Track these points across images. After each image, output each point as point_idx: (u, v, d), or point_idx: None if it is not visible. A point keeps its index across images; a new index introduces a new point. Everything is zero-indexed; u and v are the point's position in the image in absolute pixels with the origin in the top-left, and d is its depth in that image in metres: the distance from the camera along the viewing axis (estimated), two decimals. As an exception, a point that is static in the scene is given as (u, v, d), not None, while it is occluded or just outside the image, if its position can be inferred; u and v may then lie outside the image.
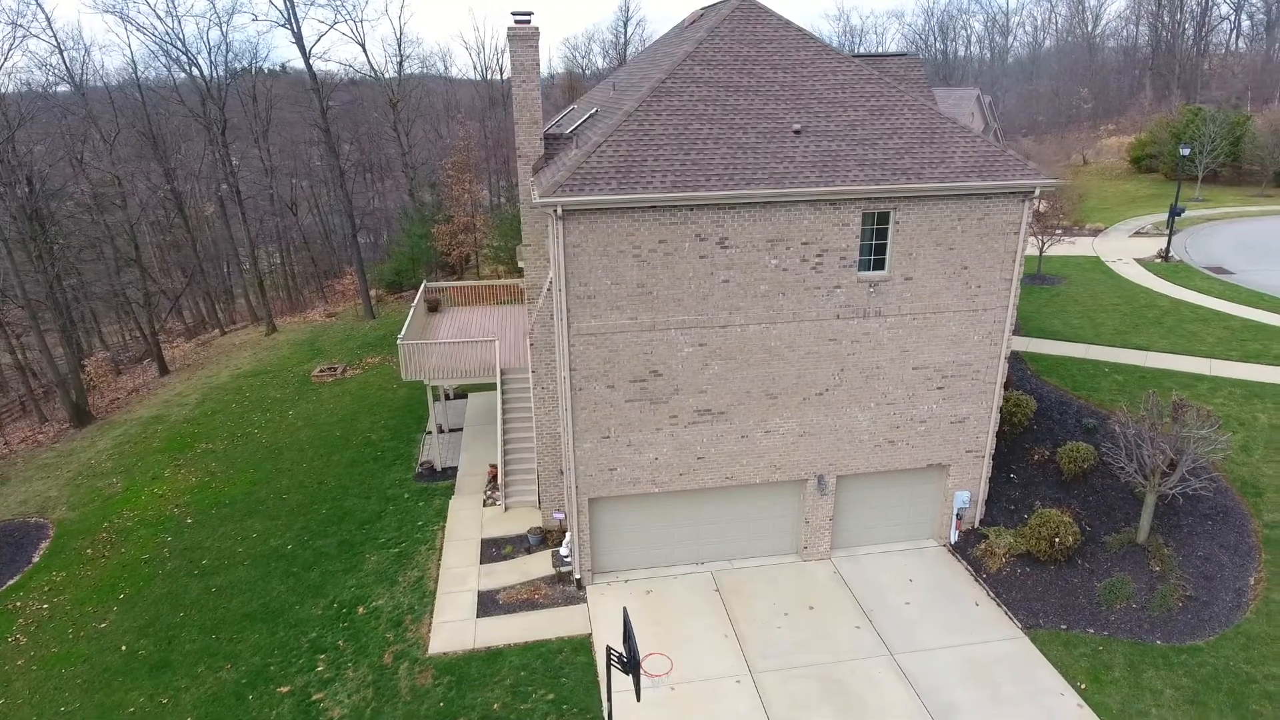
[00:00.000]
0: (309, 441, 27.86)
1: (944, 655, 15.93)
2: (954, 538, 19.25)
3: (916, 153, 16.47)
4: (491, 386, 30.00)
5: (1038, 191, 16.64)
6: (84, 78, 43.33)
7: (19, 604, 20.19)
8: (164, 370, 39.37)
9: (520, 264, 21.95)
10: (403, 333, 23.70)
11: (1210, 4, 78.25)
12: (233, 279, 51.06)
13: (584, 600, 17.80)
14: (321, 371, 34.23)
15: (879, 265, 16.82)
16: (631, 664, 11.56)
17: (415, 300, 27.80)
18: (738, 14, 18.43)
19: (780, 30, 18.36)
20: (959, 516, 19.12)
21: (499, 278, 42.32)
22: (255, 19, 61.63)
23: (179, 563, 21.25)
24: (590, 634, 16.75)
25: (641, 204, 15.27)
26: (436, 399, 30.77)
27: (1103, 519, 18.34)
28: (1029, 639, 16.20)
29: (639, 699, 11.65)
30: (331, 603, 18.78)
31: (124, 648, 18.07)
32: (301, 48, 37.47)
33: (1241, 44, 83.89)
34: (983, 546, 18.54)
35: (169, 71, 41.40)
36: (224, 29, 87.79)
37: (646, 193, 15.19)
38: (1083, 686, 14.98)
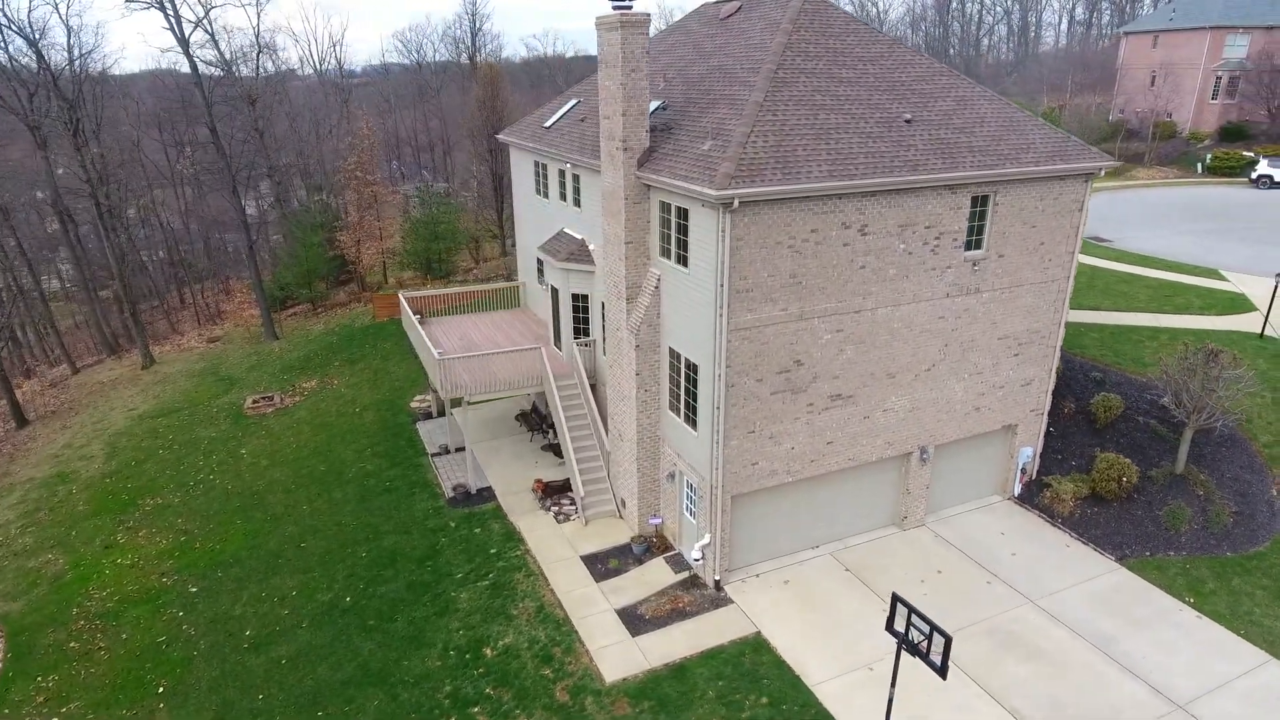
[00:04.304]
0: (291, 481, 24.57)
1: (1071, 594, 17.54)
2: (1017, 490, 21.11)
3: (1007, 140, 17.83)
4: (486, 400, 28.22)
5: (1103, 172, 18.68)
6: None
7: (11, 725, 16.18)
8: (21, 421, 32.62)
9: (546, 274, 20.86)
10: (435, 349, 21.65)
11: (982, 12, 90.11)
12: (93, 306, 43.09)
13: (730, 601, 17.47)
14: (256, 403, 30.17)
15: (977, 245, 18.03)
16: (937, 644, 11.69)
17: (408, 314, 25.42)
18: (809, 7, 18.77)
19: (851, 24, 18.98)
20: (1023, 470, 21.00)
21: (424, 286, 39.51)
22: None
23: (215, 638, 18.03)
24: (759, 632, 16.51)
25: (801, 194, 15.25)
26: (417, 419, 28.43)
27: (1137, 457, 20.98)
28: (1127, 569, 18.27)
29: (945, 677, 11.81)
30: (445, 650, 16.90)
31: (207, 748, 15.14)
32: (180, 34, 32.39)
33: (1004, 48, 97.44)
34: (1048, 494, 20.51)
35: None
36: (63, 13, 71.46)
37: (809, 182, 15.18)
38: (1191, 601, 17.21)
